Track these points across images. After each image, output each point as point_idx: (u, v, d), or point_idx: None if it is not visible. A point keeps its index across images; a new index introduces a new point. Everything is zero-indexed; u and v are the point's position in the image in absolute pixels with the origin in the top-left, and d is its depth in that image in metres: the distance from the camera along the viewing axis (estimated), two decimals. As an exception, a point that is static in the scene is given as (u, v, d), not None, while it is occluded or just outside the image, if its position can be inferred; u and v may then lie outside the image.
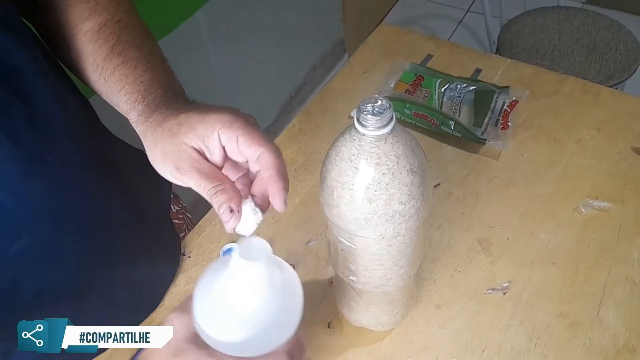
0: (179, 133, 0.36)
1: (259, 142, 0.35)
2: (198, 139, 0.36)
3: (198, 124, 0.36)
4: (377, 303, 0.50)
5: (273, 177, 0.35)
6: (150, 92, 0.41)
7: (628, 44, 1.21)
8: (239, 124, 0.36)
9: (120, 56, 0.43)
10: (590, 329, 0.52)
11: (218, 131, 0.35)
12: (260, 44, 1.44)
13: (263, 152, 0.35)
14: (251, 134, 0.35)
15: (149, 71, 0.42)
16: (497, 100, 0.72)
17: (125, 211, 0.52)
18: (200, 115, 0.36)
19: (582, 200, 0.62)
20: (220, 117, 0.36)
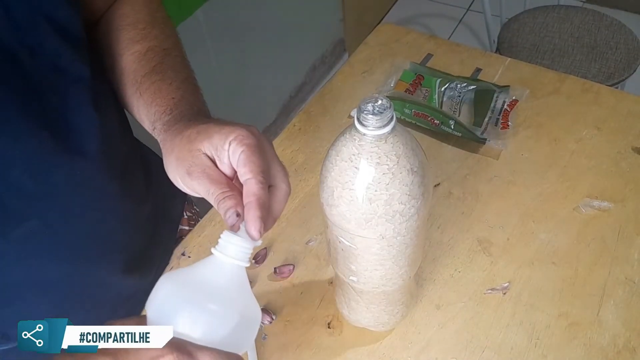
0: (195, 140, 0.37)
1: (254, 169, 0.35)
2: (212, 147, 0.37)
3: (214, 134, 0.37)
4: (377, 303, 0.50)
5: (252, 204, 0.35)
6: (179, 107, 0.43)
7: (628, 43, 1.21)
8: (250, 141, 0.36)
9: (159, 75, 0.46)
10: (590, 329, 0.52)
11: (230, 141, 0.36)
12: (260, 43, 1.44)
13: (250, 179, 0.35)
14: (254, 156, 0.36)
15: (181, 90, 0.45)
16: (497, 99, 0.72)
17: (131, 216, 0.53)
18: (218, 126, 0.37)
19: (582, 200, 0.62)
20: (236, 129, 0.37)
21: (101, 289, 0.53)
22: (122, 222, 0.52)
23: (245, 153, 0.36)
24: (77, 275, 0.49)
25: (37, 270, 0.45)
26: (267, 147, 0.38)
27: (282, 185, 0.38)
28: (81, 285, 0.50)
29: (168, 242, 0.63)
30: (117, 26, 0.49)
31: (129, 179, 0.52)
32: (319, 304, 0.56)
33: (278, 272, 0.58)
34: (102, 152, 0.47)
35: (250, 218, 0.35)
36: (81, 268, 0.49)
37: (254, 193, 0.35)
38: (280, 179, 0.38)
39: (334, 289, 0.55)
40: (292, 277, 0.58)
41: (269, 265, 0.59)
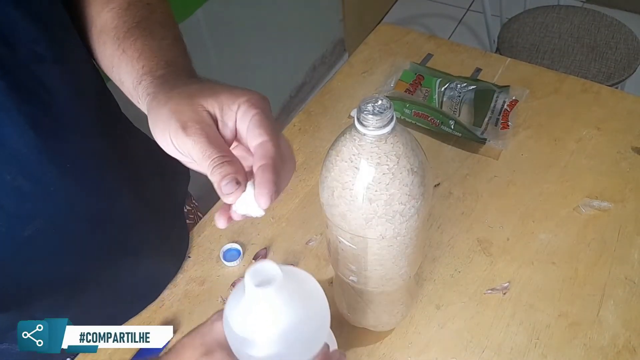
0: (199, 95, 0.33)
1: (268, 130, 0.33)
2: (217, 106, 0.33)
3: (222, 92, 0.33)
4: (377, 303, 0.50)
5: (268, 167, 0.31)
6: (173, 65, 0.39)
7: (628, 43, 1.21)
8: (264, 105, 0.34)
9: (146, 30, 0.41)
10: (590, 329, 0.52)
11: (239, 103, 0.33)
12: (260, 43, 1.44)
13: (266, 141, 0.32)
14: (268, 120, 0.33)
15: (175, 49, 0.40)
16: (497, 99, 0.72)
17: (136, 207, 0.52)
18: (227, 87, 0.34)
19: (582, 200, 0.62)
20: (247, 93, 0.34)
21: (113, 287, 0.53)
22: (128, 216, 0.51)
23: (259, 116, 0.33)
24: (90, 273, 0.49)
25: (50, 269, 0.45)
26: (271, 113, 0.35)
27: (289, 161, 0.35)
28: (96, 282, 0.50)
29: (179, 232, 0.62)
30: None
31: (124, 172, 0.50)
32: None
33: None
34: (94, 144, 0.45)
35: (265, 180, 0.31)
36: (93, 265, 0.48)
37: (270, 156, 0.32)
38: (287, 153, 0.35)
39: (334, 289, 0.55)
40: (292, 277, 0.58)
41: (269, 265, 0.59)
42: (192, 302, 0.57)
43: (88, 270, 0.49)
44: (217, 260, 0.60)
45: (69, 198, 0.44)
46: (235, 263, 0.59)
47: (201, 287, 0.58)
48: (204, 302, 0.57)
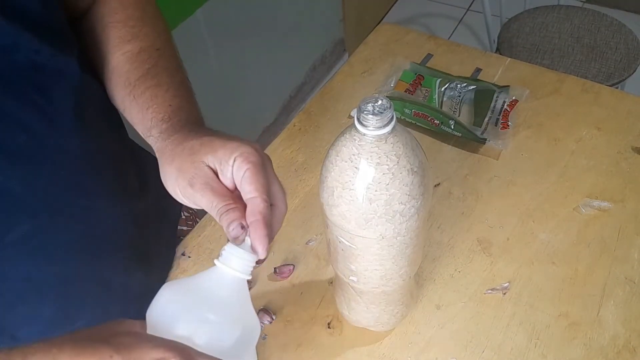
0: (199, 152, 0.37)
1: (259, 187, 0.36)
2: (216, 160, 0.37)
3: (219, 148, 0.37)
4: (377, 303, 0.50)
5: (259, 223, 0.35)
6: (177, 115, 0.43)
7: (628, 43, 1.21)
8: (254, 159, 0.37)
9: (154, 79, 0.45)
10: (590, 330, 0.52)
11: (234, 157, 0.36)
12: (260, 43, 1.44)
13: (256, 198, 0.36)
14: (258, 175, 0.36)
15: (178, 98, 0.44)
16: (497, 99, 0.72)
17: (128, 214, 0.52)
18: (222, 140, 0.38)
19: (582, 200, 0.62)
20: (241, 146, 0.37)
21: (105, 288, 0.53)
22: (117, 221, 0.51)
23: (250, 171, 0.36)
24: (77, 276, 0.49)
25: (36, 272, 0.45)
26: (268, 166, 0.38)
27: (281, 205, 0.38)
28: (84, 286, 0.50)
29: (169, 239, 0.62)
30: (106, 23, 0.47)
31: (120, 178, 0.51)
32: (319, 304, 0.56)
33: (278, 272, 0.58)
34: (87, 149, 0.46)
35: (257, 236, 0.35)
36: (81, 269, 0.48)
37: (260, 211, 0.35)
38: (279, 198, 0.38)
39: (334, 289, 0.55)
40: (292, 277, 0.58)
41: (269, 265, 0.59)
42: (192, 302, 0.57)
43: (76, 276, 0.48)
44: (217, 260, 0.60)
45: (57, 202, 0.44)
46: (235, 263, 0.59)
47: (201, 287, 0.58)
48: (203, 302, 0.57)
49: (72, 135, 0.44)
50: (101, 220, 0.49)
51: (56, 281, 0.47)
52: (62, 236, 0.45)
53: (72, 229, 0.46)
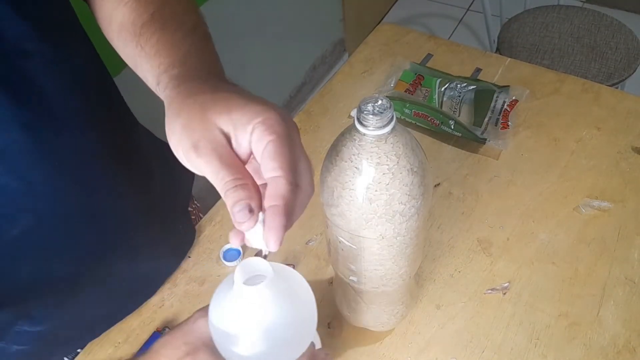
0: (211, 109, 0.31)
1: (283, 164, 0.29)
2: (230, 124, 0.30)
3: (236, 108, 0.30)
4: (377, 303, 0.50)
5: (278, 210, 0.29)
6: (189, 60, 0.36)
7: (628, 43, 1.21)
8: (281, 129, 0.30)
9: (159, 22, 0.39)
10: (590, 329, 0.52)
11: (254, 124, 0.30)
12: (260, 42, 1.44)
13: (280, 178, 0.29)
14: (284, 148, 0.30)
15: (189, 40, 0.38)
16: (497, 99, 0.72)
17: (134, 205, 0.51)
18: (243, 99, 0.31)
19: (582, 200, 0.62)
20: (265, 111, 0.30)
21: (114, 281, 0.53)
22: (125, 214, 0.50)
23: (274, 143, 0.29)
24: (85, 270, 0.48)
25: (41, 267, 0.45)
26: (296, 139, 0.32)
27: (307, 187, 0.32)
28: (92, 280, 0.50)
29: (182, 230, 0.61)
30: None
31: (123, 171, 0.49)
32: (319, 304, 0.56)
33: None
34: (89, 141, 0.44)
35: (274, 226, 0.29)
36: (89, 262, 0.48)
37: (282, 196, 0.29)
38: (306, 179, 0.31)
39: (334, 289, 0.55)
40: (292, 277, 0.58)
41: (269, 265, 0.59)
42: (192, 302, 0.57)
43: (83, 268, 0.48)
44: (217, 261, 0.60)
45: (58, 195, 0.43)
46: (236, 263, 0.59)
47: (201, 287, 0.58)
48: (204, 302, 0.57)
49: (71, 129, 0.42)
50: (101, 215, 0.48)
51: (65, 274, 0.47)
52: (63, 232, 0.45)
53: (72, 225, 0.45)
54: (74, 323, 0.52)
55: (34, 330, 0.48)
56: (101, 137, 0.46)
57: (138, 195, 0.52)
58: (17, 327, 0.47)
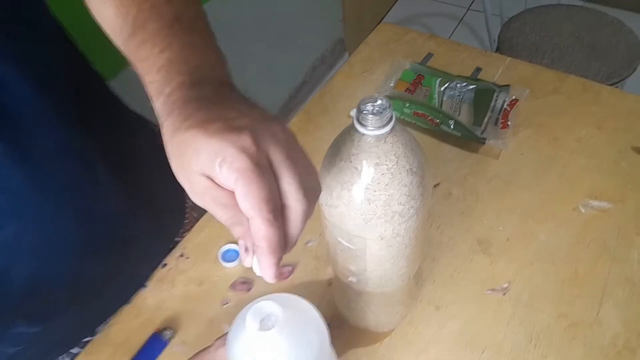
0: (185, 154, 0.30)
1: (255, 203, 0.28)
2: (203, 167, 0.29)
3: (202, 149, 0.29)
4: (376, 304, 0.50)
5: (263, 250, 0.29)
6: (167, 83, 0.33)
7: (629, 43, 1.21)
8: (242, 164, 0.28)
9: (140, 33, 0.35)
10: (590, 330, 0.52)
11: (218, 164, 0.28)
12: (260, 42, 1.44)
13: (254, 218, 0.28)
14: (250, 185, 0.27)
15: (167, 50, 0.33)
16: (497, 99, 0.72)
17: (120, 203, 0.50)
18: (204, 137, 0.28)
19: (581, 200, 0.62)
20: (223, 147, 0.28)
21: (107, 277, 0.52)
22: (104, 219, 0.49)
23: (239, 182, 0.28)
24: (79, 269, 0.48)
25: (35, 269, 0.45)
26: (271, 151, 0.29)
27: (294, 205, 0.30)
28: (86, 278, 0.50)
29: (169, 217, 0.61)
30: None
31: (102, 162, 0.47)
32: (318, 305, 0.55)
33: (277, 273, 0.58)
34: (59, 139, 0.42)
35: (262, 266, 0.29)
36: (72, 266, 0.48)
37: (262, 236, 0.28)
38: (292, 195, 0.29)
39: (333, 290, 0.55)
40: (291, 277, 0.58)
41: (268, 265, 0.59)
42: (191, 302, 0.57)
43: (77, 266, 0.48)
44: (216, 261, 0.60)
45: (38, 201, 0.42)
46: (234, 264, 0.59)
47: (200, 287, 0.58)
48: (202, 302, 0.57)
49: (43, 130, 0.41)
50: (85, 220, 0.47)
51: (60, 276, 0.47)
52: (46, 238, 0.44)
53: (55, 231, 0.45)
54: (69, 322, 0.52)
55: (30, 332, 0.48)
56: (74, 137, 0.44)
57: (120, 192, 0.50)
58: (14, 329, 0.47)
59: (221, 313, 0.56)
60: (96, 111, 0.49)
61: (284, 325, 0.33)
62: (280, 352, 0.34)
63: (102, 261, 0.50)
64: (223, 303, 0.57)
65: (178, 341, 0.54)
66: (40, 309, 0.47)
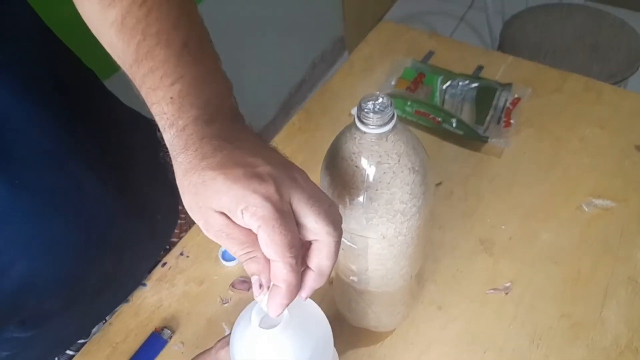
0: (203, 195, 0.30)
1: (279, 249, 0.29)
2: (223, 207, 0.30)
3: (224, 193, 0.29)
4: (377, 303, 0.49)
5: (279, 291, 0.30)
6: (181, 115, 0.32)
7: (631, 42, 1.20)
8: (265, 212, 0.29)
9: (147, 61, 0.34)
10: (593, 330, 0.52)
11: (241, 210, 0.29)
12: (260, 41, 1.43)
13: (277, 262, 0.29)
14: (274, 233, 0.29)
15: (179, 82, 0.33)
16: (499, 97, 0.72)
17: (110, 205, 0.50)
18: (226, 183, 0.29)
19: (584, 199, 0.62)
20: (247, 196, 0.29)
21: (101, 278, 0.52)
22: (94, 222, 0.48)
23: (262, 230, 0.29)
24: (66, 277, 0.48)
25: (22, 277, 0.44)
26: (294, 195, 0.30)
27: (326, 239, 0.31)
28: (78, 284, 0.49)
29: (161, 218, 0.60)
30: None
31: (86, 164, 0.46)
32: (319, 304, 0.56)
33: None
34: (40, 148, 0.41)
35: (272, 303, 0.30)
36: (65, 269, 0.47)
37: (283, 280, 0.30)
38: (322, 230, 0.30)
39: (334, 289, 0.55)
40: (291, 276, 0.58)
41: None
42: (191, 302, 0.57)
43: (70, 271, 0.47)
44: (216, 260, 0.60)
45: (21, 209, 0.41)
46: (234, 263, 0.59)
47: (200, 287, 0.58)
48: (202, 302, 0.57)
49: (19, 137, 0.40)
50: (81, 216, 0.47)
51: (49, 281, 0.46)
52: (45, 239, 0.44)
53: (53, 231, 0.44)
54: (64, 326, 0.52)
55: (24, 336, 0.47)
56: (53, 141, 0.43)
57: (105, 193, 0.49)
58: (7, 334, 0.46)
59: (221, 312, 0.56)
60: (85, 111, 0.48)
61: (289, 323, 0.33)
62: (284, 350, 0.33)
63: (96, 264, 0.50)
64: (223, 302, 0.57)
65: (177, 340, 0.54)
66: (34, 313, 0.47)
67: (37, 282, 0.45)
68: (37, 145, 0.42)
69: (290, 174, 0.31)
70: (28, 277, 0.44)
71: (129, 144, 0.54)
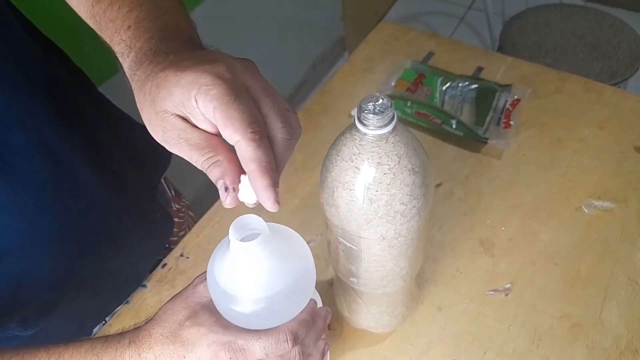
0: (158, 98, 0.30)
1: (237, 126, 0.27)
2: (178, 105, 0.29)
3: (174, 88, 0.29)
4: (377, 304, 0.49)
5: (255, 174, 0.28)
6: (137, 38, 0.33)
7: (631, 42, 1.20)
8: (219, 90, 0.28)
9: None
10: (593, 331, 0.52)
11: (194, 97, 0.28)
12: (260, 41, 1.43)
13: (240, 141, 0.28)
14: (231, 109, 0.27)
15: (136, 9, 0.34)
16: (499, 98, 0.72)
17: (103, 200, 0.50)
18: (176, 74, 0.29)
19: (584, 200, 0.62)
20: (198, 78, 0.28)
21: (100, 274, 0.52)
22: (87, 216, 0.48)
23: (218, 109, 0.27)
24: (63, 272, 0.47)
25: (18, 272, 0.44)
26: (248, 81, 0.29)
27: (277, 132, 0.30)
28: (78, 275, 0.49)
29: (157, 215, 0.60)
30: None
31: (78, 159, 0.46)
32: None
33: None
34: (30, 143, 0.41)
35: (258, 189, 0.28)
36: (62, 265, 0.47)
37: (251, 158, 0.28)
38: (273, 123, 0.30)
39: (334, 290, 0.55)
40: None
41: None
42: (191, 302, 0.57)
43: (67, 267, 0.47)
44: (216, 261, 0.60)
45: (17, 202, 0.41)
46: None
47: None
48: (202, 302, 0.57)
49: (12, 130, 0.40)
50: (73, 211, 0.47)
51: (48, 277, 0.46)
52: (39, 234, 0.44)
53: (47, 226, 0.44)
54: (65, 324, 0.52)
55: (25, 335, 0.47)
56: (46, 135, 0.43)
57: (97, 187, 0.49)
58: (9, 333, 0.46)
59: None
60: (79, 109, 0.48)
61: (269, 240, 0.32)
62: (263, 268, 0.32)
63: (92, 259, 0.50)
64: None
65: (178, 342, 0.54)
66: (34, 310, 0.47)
67: (33, 275, 0.45)
68: (32, 138, 0.42)
69: (243, 63, 0.30)
70: (23, 270, 0.44)
71: (123, 143, 0.54)
